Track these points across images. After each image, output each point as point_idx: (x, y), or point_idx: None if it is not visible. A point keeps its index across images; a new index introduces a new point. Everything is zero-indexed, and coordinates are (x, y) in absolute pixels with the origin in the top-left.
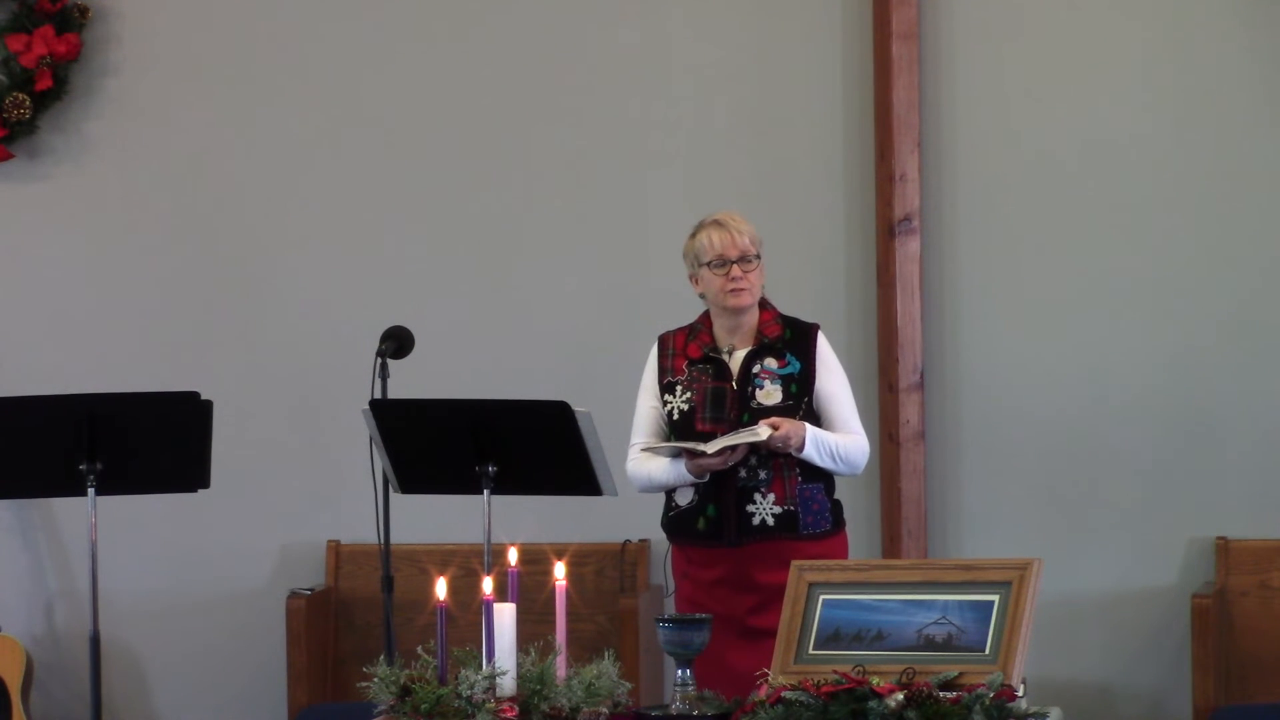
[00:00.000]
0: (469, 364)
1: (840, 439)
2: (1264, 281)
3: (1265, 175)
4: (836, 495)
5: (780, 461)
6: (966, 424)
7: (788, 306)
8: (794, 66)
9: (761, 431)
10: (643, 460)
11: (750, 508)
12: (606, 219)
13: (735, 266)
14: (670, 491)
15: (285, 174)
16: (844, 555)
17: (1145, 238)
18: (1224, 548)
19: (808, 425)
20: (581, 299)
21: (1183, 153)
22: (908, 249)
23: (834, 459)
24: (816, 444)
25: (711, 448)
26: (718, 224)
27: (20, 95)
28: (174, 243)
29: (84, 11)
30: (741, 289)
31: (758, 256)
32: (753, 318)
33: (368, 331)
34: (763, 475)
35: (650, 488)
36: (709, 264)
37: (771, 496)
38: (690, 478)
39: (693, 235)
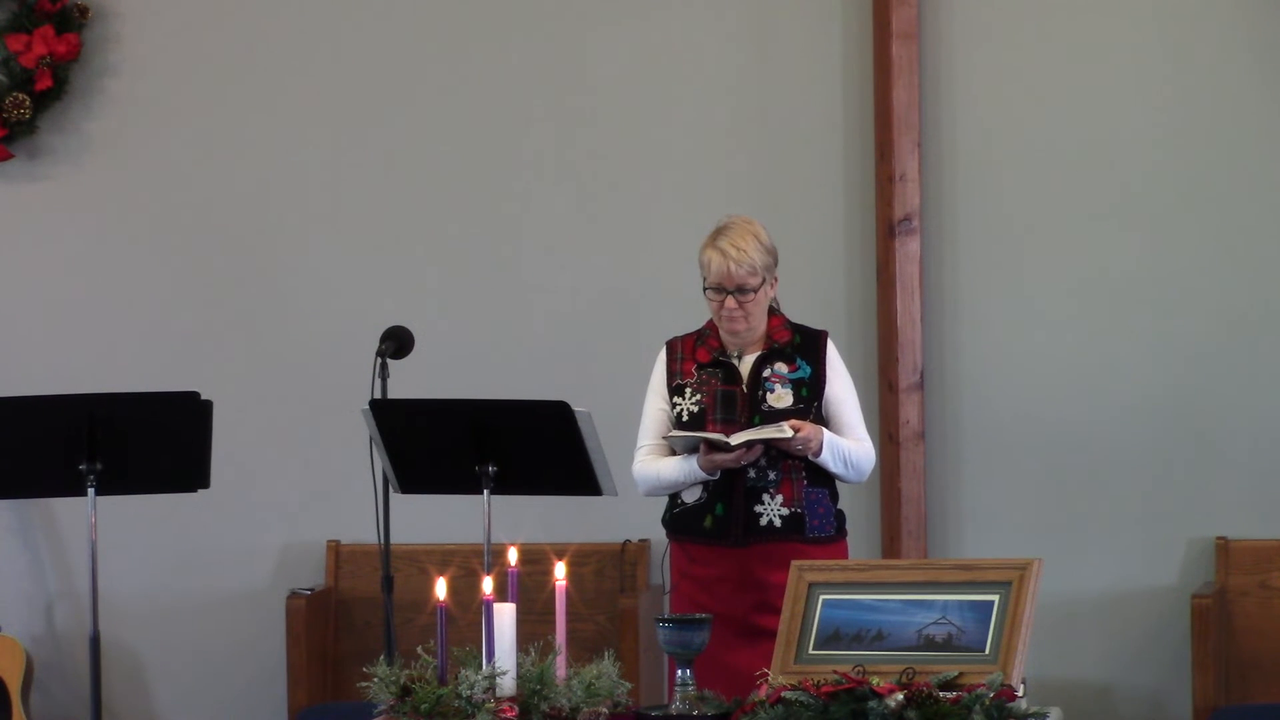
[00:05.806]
0: (469, 364)
1: (852, 445)
2: (1264, 281)
3: (1266, 175)
4: (840, 505)
5: (789, 463)
6: (966, 424)
7: (789, 306)
8: (794, 67)
9: (787, 429)
10: (650, 460)
11: (758, 508)
12: (607, 219)
13: (730, 298)
14: (676, 493)
15: (285, 174)
16: None
17: (1145, 238)
18: (1224, 548)
19: (824, 430)
20: (582, 299)
21: (1183, 153)
22: (908, 249)
23: (846, 465)
24: (832, 449)
25: (737, 439)
26: (720, 250)
27: (20, 95)
28: (174, 242)
29: (84, 11)
30: (735, 318)
31: (762, 285)
32: (760, 325)
33: (368, 331)
34: (771, 476)
35: (657, 488)
36: (708, 287)
37: (780, 498)
38: (701, 475)
39: (704, 244)
